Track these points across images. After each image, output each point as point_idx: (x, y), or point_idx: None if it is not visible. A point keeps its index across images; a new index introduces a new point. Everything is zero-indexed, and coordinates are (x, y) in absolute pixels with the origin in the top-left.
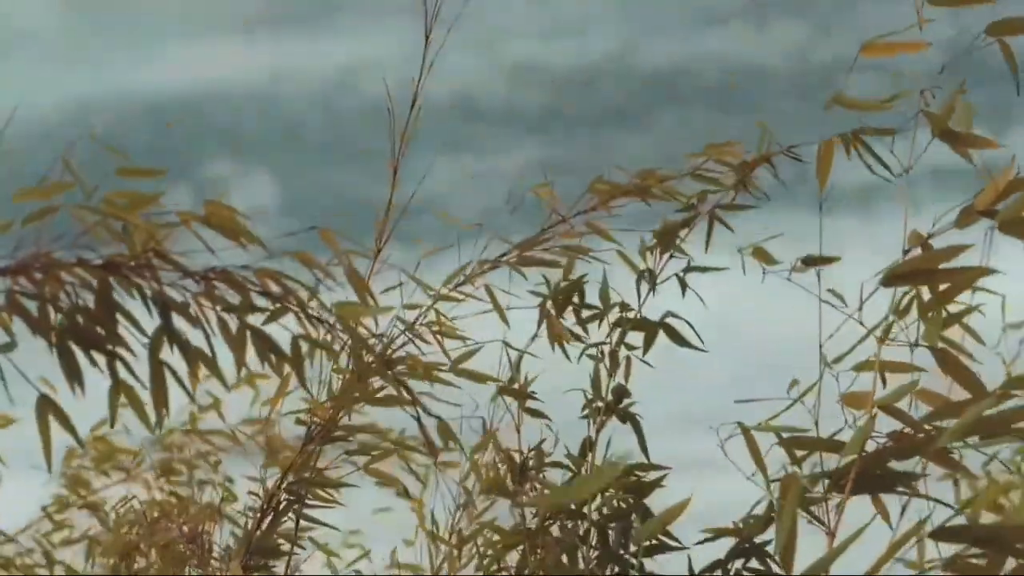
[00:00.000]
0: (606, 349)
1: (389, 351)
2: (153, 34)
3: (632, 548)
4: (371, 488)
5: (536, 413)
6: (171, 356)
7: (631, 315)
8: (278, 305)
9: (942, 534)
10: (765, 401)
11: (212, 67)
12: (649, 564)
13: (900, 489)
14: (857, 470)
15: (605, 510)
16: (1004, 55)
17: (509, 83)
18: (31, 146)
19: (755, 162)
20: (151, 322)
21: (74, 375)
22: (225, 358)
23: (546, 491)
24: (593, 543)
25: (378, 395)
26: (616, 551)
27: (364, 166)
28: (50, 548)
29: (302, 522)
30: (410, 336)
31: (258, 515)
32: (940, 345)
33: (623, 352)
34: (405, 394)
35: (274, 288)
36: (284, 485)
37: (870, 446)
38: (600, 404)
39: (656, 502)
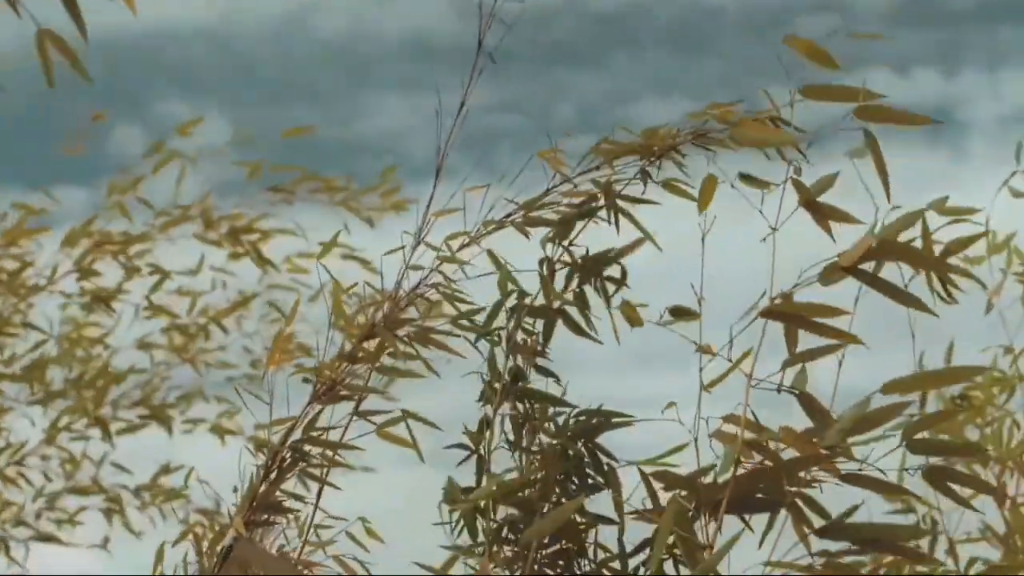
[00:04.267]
0: (503, 334)
1: (397, 312)
2: None
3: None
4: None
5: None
6: None
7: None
8: None
9: (826, 532)
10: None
11: (164, 5)
12: None
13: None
14: (730, 493)
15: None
16: (869, 145)
17: (462, 22)
18: None
19: (662, 151)
20: None
21: None
22: None
23: None
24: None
25: (384, 356)
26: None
27: (315, 104)
28: None
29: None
30: (418, 296)
31: (262, 472)
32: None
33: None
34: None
35: None
36: (288, 443)
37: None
38: (498, 385)
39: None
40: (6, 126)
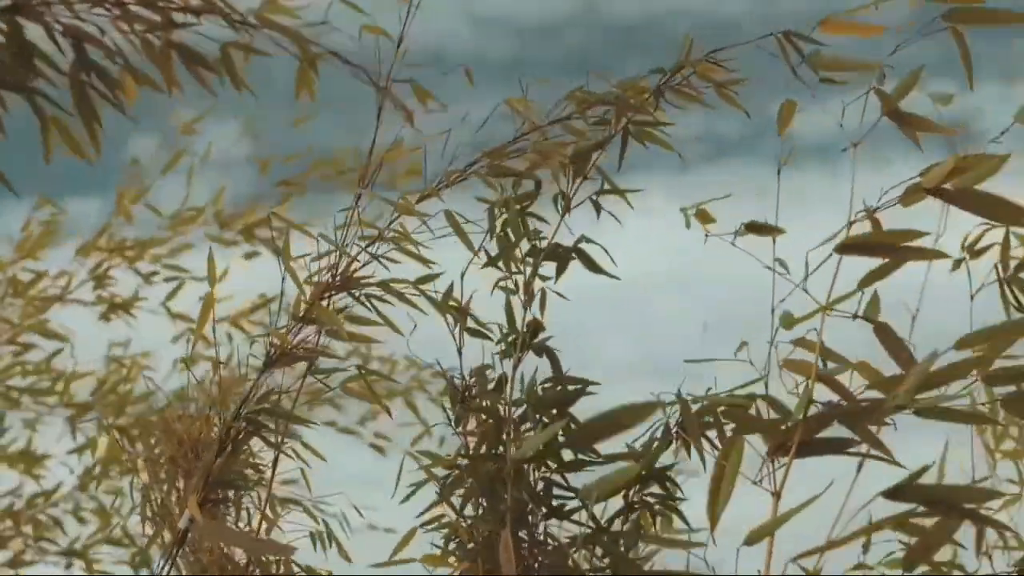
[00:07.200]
0: (520, 280)
1: (352, 270)
2: None
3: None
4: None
5: (476, 333)
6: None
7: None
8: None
9: (895, 494)
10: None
11: None
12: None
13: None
14: (801, 435)
15: (528, 424)
16: (959, 46)
17: (477, 35)
18: None
19: (674, 70)
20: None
21: None
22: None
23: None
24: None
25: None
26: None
27: (333, 113)
28: None
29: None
30: (371, 254)
31: (216, 445)
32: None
33: (538, 284)
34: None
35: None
36: (243, 414)
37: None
38: (515, 338)
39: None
40: (20, 136)
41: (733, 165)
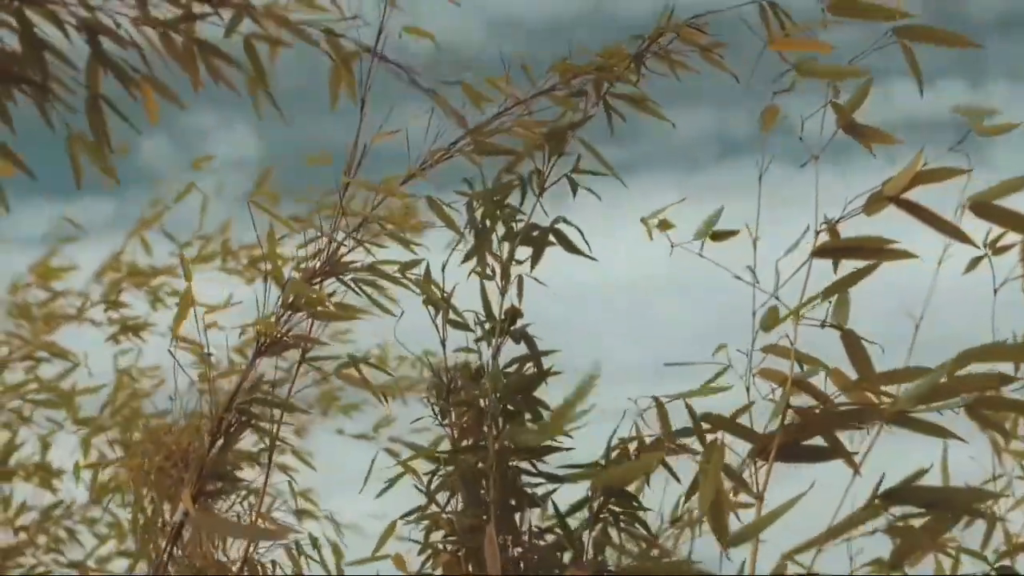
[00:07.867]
0: (496, 265)
1: (339, 255)
2: None
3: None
4: None
5: (459, 325)
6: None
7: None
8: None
9: (891, 496)
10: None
11: None
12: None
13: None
14: (780, 439)
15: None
16: (908, 60)
17: (487, 34)
18: None
19: (651, 39)
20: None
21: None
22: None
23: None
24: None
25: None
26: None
27: (341, 115)
28: None
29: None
30: (357, 240)
31: (208, 437)
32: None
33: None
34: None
35: None
36: (235, 404)
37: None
38: (493, 325)
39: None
40: (34, 138)
41: (742, 165)
